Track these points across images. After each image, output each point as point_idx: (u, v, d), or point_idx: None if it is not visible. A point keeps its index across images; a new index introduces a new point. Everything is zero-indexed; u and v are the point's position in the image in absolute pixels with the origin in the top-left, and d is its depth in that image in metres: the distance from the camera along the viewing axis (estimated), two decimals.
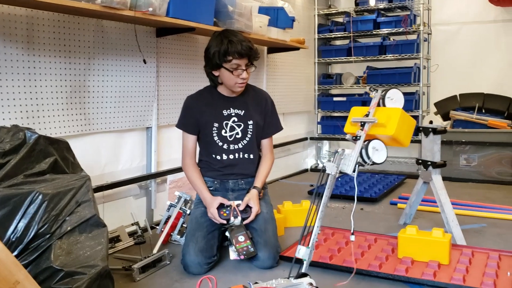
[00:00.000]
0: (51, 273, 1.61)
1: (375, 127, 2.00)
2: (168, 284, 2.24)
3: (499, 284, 2.09)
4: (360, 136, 1.98)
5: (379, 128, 2.00)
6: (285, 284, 1.58)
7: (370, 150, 1.94)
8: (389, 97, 2.11)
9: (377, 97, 2.10)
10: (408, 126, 2.05)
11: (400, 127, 1.99)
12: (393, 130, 1.96)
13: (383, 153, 1.97)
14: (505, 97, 4.60)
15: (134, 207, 3.05)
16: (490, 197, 3.81)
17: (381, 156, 1.96)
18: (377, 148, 1.96)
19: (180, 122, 2.60)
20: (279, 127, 2.72)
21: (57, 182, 1.77)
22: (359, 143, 1.96)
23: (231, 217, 2.39)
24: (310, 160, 5.47)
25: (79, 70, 2.64)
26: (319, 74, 5.33)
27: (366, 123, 2.00)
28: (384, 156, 1.97)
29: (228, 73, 2.42)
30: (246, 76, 2.45)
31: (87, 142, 2.76)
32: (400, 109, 2.03)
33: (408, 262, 2.34)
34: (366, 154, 1.94)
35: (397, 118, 1.98)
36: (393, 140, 2.00)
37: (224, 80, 2.48)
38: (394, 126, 1.97)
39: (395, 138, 1.98)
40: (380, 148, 1.97)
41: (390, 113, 2.01)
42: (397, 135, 1.98)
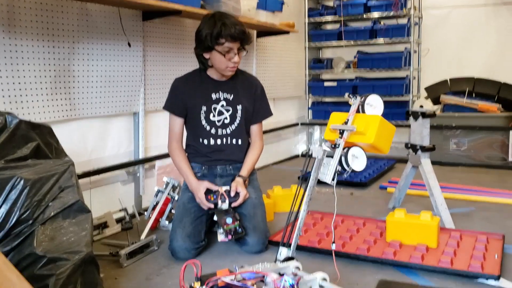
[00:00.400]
0: (34, 259, 1.59)
1: (354, 135, 1.97)
2: (155, 270, 2.22)
3: (487, 267, 2.09)
4: (339, 144, 1.95)
5: (358, 136, 1.96)
6: (271, 268, 1.56)
7: (349, 158, 1.91)
8: (368, 103, 2.05)
9: (356, 104, 2.05)
10: (387, 133, 2.01)
11: (380, 134, 1.95)
12: (372, 138, 1.93)
13: (363, 160, 1.94)
14: (495, 81, 4.60)
15: (122, 193, 3.02)
16: (479, 181, 3.83)
17: (360, 163, 1.93)
18: (356, 156, 1.93)
19: (167, 104, 2.56)
20: (269, 113, 2.69)
21: (39, 168, 1.73)
22: (338, 151, 1.93)
23: (218, 202, 2.37)
24: (301, 146, 5.46)
25: (63, 54, 2.59)
26: (310, 59, 5.30)
27: (345, 131, 1.97)
28: (364, 164, 1.94)
29: (220, 56, 2.38)
30: (237, 60, 2.41)
31: (73, 128, 2.72)
32: (379, 117, 1.99)
33: (396, 245, 2.34)
34: (346, 162, 1.90)
35: (376, 126, 1.94)
36: (373, 147, 1.98)
37: (215, 63, 2.44)
38: (373, 134, 1.93)
39: (374, 146, 1.96)
40: (360, 155, 1.94)
41: (369, 120, 1.97)
42: (377, 143, 1.94)
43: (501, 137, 4.34)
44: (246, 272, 1.45)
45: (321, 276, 1.51)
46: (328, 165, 1.92)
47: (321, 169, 1.94)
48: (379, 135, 1.94)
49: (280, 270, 1.56)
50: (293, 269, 1.59)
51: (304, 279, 1.51)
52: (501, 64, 4.76)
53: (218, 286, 1.36)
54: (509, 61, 4.74)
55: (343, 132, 1.96)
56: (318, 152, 1.91)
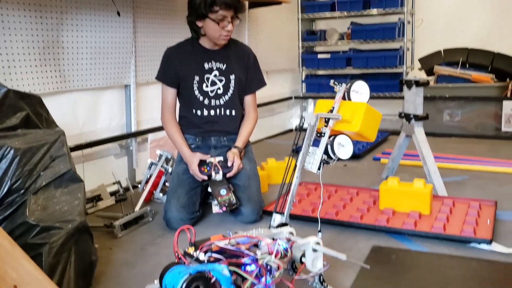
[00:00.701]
0: (26, 228, 1.58)
1: (340, 123, 1.94)
2: (150, 240, 2.23)
3: (479, 231, 2.11)
4: (325, 133, 1.92)
5: (344, 124, 1.94)
6: (265, 233, 1.57)
7: (335, 146, 1.89)
8: (354, 90, 2.01)
9: (341, 91, 2.02)
10: (373, 120, 1.99)
11: (366, 122, 1.93)
12: (358, 127, 1.91)
13: (349, 148, 1.92)
14: (489, 52, 4.58)
15: (115, 167, 3.01)
16: (472, 151, 3.84)
17: (347, 151, 1.91)
18: (342, 144, 1.91)
19: (160, 73, 2.53)
20: (263, 83, 2.66)
21: (29, 137, 1.71)
22: (324, 140, 1.91)
23: (212, 173, 2.37)
24: (295, 120, 5.44)
25: (51, 25, 2.54)
26: (303, 31, 5.24)
27: (330, 119, 1.93)
28: (350, 152, 1.92)
29: (213, 24, 2.34)
30: (231, 29, 2.38)
31: (64, 100, 2.69)
32: (365, 104, 1.96)
33: (390, 213, 2.35)
34: (332, 151, 1.89)
35: (362, 114, 1.92)
36: (359, 135, 1.96)
37: (208, 31, 2.40)
38: (359, 122, 1.91)
39: (360, 134, 1.94)
40: (346, 143, 1.91)
41: (355, 108, 1.95)
42: (363, 131, 1.92)
43: (495, 107, 4.34)
44: (240, 237, 1.45)
45: (314, 240, 1.51)
46: (313, 154, 1.90)
47: (306, 159, 1.92)
48: (365, 123, 1.92)
49: (273, 235, 1.56)
50: (286, 235, 1.59)
51: (297, 243, 1.51)
52: (495, 34, 4.74)
53: (212, 250, 1.35)
54: (503, 31, 4.72)
55: (328, 121, 1.92)
56: (311, 118, 1.89)
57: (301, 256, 1.51)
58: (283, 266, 1.37)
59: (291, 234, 1.60)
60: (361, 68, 5.00)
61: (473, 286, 1.68)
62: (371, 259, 1.92)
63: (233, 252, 1.36)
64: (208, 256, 1.32)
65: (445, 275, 1.75)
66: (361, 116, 1.91)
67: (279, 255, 1.41)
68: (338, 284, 1.68)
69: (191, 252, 1.36)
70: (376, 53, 4.88)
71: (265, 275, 1.33)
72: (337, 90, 2.02)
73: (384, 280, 1.72)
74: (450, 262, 1.88)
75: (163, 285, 1.25)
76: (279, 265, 1.35)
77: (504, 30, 4.72)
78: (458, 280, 1.71)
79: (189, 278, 1.19)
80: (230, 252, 1.36)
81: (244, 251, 1.36)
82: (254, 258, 1.34)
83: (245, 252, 1.36)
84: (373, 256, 1.94)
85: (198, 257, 1.33)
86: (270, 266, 1.34)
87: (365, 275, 1.76)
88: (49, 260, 1.53)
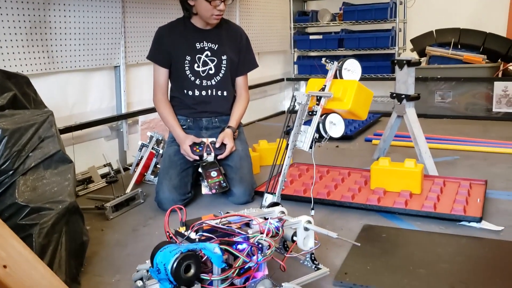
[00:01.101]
0: (16, 209, 1.56)
1: (332, 101, 1.95)
2: (142, 221, 2.23)
3: (469, 210, 2.13)
4: (317, 111, 1.93)
5: (335, 102, 1.95)
6: (256, 212, 1.57)
7: (327, 124, 1.90)
8: (346, 68, 2.02)
9: (333, 69, 2.01)
10: (365, 98, 2.00)
11: (357, 100, 1.94)
12: (349, 105, 1.92)
13: (341, 127, 1.94)
14: (480, 32, 4.56)
15: (106, 149, 2.99)
16: (464, 132, 3.86)
17: (338, 130, 1.93)
18: (334, 122, 1.92)
19: (151, 53, 2.51)
20: (255, 64, 2.64)
21: (17, 118, 1.68)
22: (316, 118, 1.92)
23: (204, 154, 2.36)
24: (287, 102, 5.42)
25: (39, 4, 2.49)
26: (295, 12, 5.19)
27: (322, 97, 1.94)
28: (342, 130, 1.94)
29: (206, 3, 2.31)
30: (223, 8, 2.35)
31: (52, 82, 2.65)
32: (356, 82, 1.97)
33: (381, 192, 2.36)
34: (324, 129, 1.89)
35: (353, 92, 1.92)
36: (350, 113, 1.97)
37: (200, 10, 2.37)
38: (350, 100, 1.92)
39: (351, 112, 1.95)
40: (338, 122, 1.93)
41: (346, 86, 1.95)
42: (354, 109, 1.93)
43: (486, 88, 4.35)
44: (232, 216, 1.45)
45: (305, 219, 1.52)
46: (305, 132, 1.90)
47: (298, 137, 1.92)
48: (356, 101, 1.93)
49: (265, 214, 1.57)
50: (278, 214, 1.60)
51: (289, 222, 1.52)
52: (486, 14, 4.72)
53: (203, 229, 1.35)
54: (494, 11, 4.70)
55: (320, 99, 1.93)
56: (302, 98, 1.88)
57: (293, 235, 1.52)
58: (274, 244, 1.37)
59: (282, 213, 1.61)
60: (353, 49, 4.97)
61: (463, 262, 1.70)
62: (362, 237, 1.93)
63: (225, 231, 1.35)
64: (199, 235, 1.32)
65: (435, 252, 1.77)
66: (352, 94, 1.91)
67: (271, 233, 1.41)
68: (329, 263, 1.69)
69: (182, 232, 1.36)
70: (368, 34, 4.85)
71: (257, 254, 1.33)
72: (328, 68, 2.01)
73: (374, 258, 1.73)
74: (440, 240, 1.89)
75: (154, 263, 1.24)
76: (270, 244, 1.35)
77: (496, 10, 4.70)
78: (448, 257, 1.73)
79: (181, 256, 1.19)
80: (222, 231, 1.35)
81: (236, 230, 1.36)
82: (246, 237, 1.33)
83: (237, 231, 1.35)
84: (364, 235, 1.96)
85: (189, 236, 1.32)
86: (261, 245, 1.34)
87: (355, 253, 1.77)
88: (40, 240, 1.52)
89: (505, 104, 4.28)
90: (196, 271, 1.22)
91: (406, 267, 1.66)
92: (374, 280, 1.58)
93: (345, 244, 1.83)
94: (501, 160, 3.02)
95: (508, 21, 4.67)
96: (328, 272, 1.54)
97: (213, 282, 1.27)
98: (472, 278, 1.59)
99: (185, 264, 1.20)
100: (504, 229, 1.97)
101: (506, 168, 2.85)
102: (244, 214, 1.48)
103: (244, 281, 1.33)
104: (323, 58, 2.08)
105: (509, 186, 2.52)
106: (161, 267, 1.22)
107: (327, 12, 5.10)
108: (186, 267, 1.20)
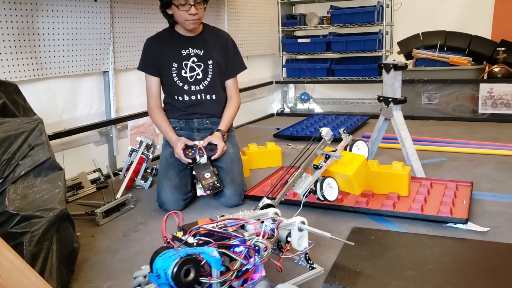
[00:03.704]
0: (6, 217, 1.57)
1: (336, 164, 2.16)
2: (132, 227, 2.23)
3: (455, 212, 2.17)
4: (321, 166, 2.13)
5: (340, 165, 2.15)
6: (251, 214, 1.59)
7: (325, 184, 2.09)
8: (356, 146, 2.37)
9: (346, 140, 2.33)
10: (365, 176, 2.20)
11: (359, 172, 2.13)
12: (352, 171, 2.11)
13: (335, 192, 2.13)
14: (466, 34, 4.63)
15: (96, 154, 2.98)
16: (450, 133, 3.91)
17: (332, 194, 2.13)
18: (331, 185, 2.12)
19: (141, 64, 2.57)
20: (243, 66, 2.69)
21: (6, 126, 1.69)
22: (318, 172, 2.11)
23: (196, 156, 2.39)
24: (276, 105, 5.46)
25: (26, 10, 2.49)
26: (283, 15, 5.22)
27: (330, 156, 2.15)
28: (335, 196, 2.13)
29: (177, 10, 2.38)
30: (194, 12, 2.38)
31: (41, 88, 2.65)
32: (364, 157, 2.21)
33: (369, 195, 2.39)
34: (320, 187, 2.08)
35: (360, 163, 2.14)
36: (348, 182, 2.14)
37: (176, 17, 2.44)
38: (354, 168, 2.11)
39: (350, 181, 2.12)
40: (334, 186, 2.13)
41: (355, 157, 2.18)
42: (354, 177, 2.12)
43: (472, 90, 4.41)
44: (227, 220, 1.47)
45: (299, 219, 1.56)
46: (306, 179, 2.08)
47: (297, 181, 2.09)
48: (359, 172, 2.13)
49: (259, 216, 1.59)
50: (272, 215, 1.62)
51: (283, 223, 1.55)
52: (472, 16, 4.79)
53: (200, 233, 1.37)
54: (480, 13, 4.77)
55: (328, 158, 2.15)
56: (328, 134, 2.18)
57: (287, 236, 1.56)
58: (270, 246, 1.40)
59: (276, 215, 1.64)
60: (341, 52, 5.02)
61: (450, 263, 1.73)
62: (351, 240, 1.95)
63: (221, 234, 1.38)
64: (197, 239, 1.34)
65: (423, 254, 1.80)
66: (358, 164, 2.14)
67: (266, 235, 1.45)
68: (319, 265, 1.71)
69: (179, 236, 1.38)
70: (355, 37, 4.90)
71: (254, 256, 1.36)
72: (343, 137, 2.36)
73: (363, 260, 1.76)
74: (427, 241, 1.93)
75: (154, 269, 1.26)
76: (267, 246, 1.38)
77: (481, 13, 4.77)
78: (435, 258, 1.76)
79: (180, 261, 1.21)
80: (218, 234, 1.38)
81: (232, 233, 1.39)
82: (242, 240, 1.37)
83: (233, 234, 1.38)
84: (352, 237, 1.98)
85: (187, 241, 1.34)
86: (258, 247, 1.37)
87: (345, 256, 1.79)
88: (31, 248, 1.53)
89: (490, 105, 4.35)
90: (196, 275, 1.24)
91: (394, 269, 1.69)
92: (363, 283, 1.61)
93: (335, 247, 1.86)
94: (486, 161, 3.07)
95: (493, 23, 4.74)
96: (322, 271, 1.58)
97: (212, 285, 1.29)
98: (459, 279, 1.62)
99: (185, 269, 1.22)
100: (490, 230, 2.01)
101: (491, 169, 2.90)
102: (240, 217, 1.51)
103: (242, 283, 1.36)
104: (342, 129, 2.42)
105: (495, 187, 2.57)
106: (161, 272, 1.23)
107: (315, 16, 5.14)
108: (186, 271, 1.23)
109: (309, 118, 4.63)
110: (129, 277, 1.73)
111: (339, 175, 2.14)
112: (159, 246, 1.93)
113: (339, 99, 5.31)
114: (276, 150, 3.19)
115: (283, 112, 5.39)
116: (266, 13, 5.00)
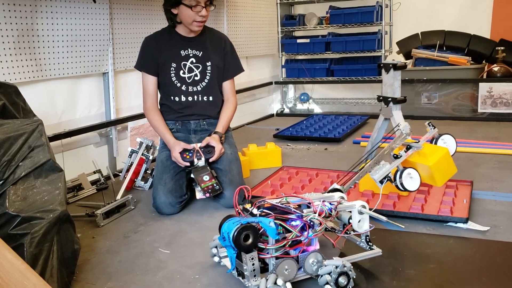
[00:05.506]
0: (7, 219, 1.56)
1: (417, 155, 2.13)
2: (133, 228, 2.23)
3: (456, 211, 2.17)
4: (401, 155, 2.10)
5: (420, 156, 2.12)
6: (317, 196, 1.71)
7: (405, 174, 2.04)
8: (442, 139, 2.36)
9: (431, 133, 2.33)
10: (447, 168, 2.15)
11: (440, 163, 2.10)
12: (432, 162, 2.07)
13: (416, 183, 2.06)
14: (465, 34, 4.63)
15: (96, 156, 2.98)
16: (449, 133, 3.88)
17: (413, 184, 2.06)
18: (412, 176, 2.06)
19: (139, 62, 2.55)
20: (240, 69, 2.68)
21: (6, 127, 1.69)
22: (397, 161, 2.09)
23: (194, 159, 2.38)
24: (275, 105, 5.46)
25: (26, 12, 2.49)
26: (282, 16, 5.22)
27: (412, 147, 2.13)
28: (416, 186, 2.06)
29: (187, 10, 2.36)
30: (205, 14, 2.39)
31: (41, 89, 2.65)
32: (447, 149, 2.17)
33: (369, 195, 2.39)
34: (400, 176, 2.03)
35: (441, 154, 2.11)
36: (429, 174, 2.09)
37: (182, 18, 2.42)
38: (435, 159, 2.09)
39: (431, 172, 2.07)
40: (415, 177, 2.06)
41: (437, 149, 2.16)
42: (435, 168, 2.07)
43: (471, 89, 4.42)
44: (292, 197, 1.64)
45: (360, 203, 1.63)
46: (383, 166, 2.05)
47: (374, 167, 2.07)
48: (439, 164, 2.09)
49: (324, 198, 1.70)
50: (337, 198, 1.73)
51: (343, 206, 1.67)
52: (471, 16, 4.79)
53: (264, 206, 1.58)
54: (478, 13, 4.78)
55: (409, 148, 2.12)
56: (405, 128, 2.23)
57: (349, 218, 1.67)
58: (325, 223, 1.59)
59: (341, 198, 1.74)
60: (340, 53, 5.02)
61: (451, 262, 1.73)
62: None
63: (282, 209, 1.59)
64: (260, 211, 1.58)
65: (424, 253, 1.80)
66: (439, 156, 2.10)
67: (324, 214, 1.62)
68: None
69: (248, 208, 1.61)
70: (354, 37, 4.90)
71: (308, 230, 1.56)
72: (428, 130, 2.35)
73: (364, 259, 1.76)
74: (428, 241, 1.93)
75: (221, 232, 1.55)
76: (321, 222, 1.57)
77: (479, 12, 4.78)
78: (436, 258, 1.76)
79: (240, 227, 1.46)
80: (280, 208, 1.59)
81: (292, 209, 1.58)
82: (300, 215, 1.56)
83: (292, 209, 1.58)
84: None
85: (252, 211, 1.58)
86: (313, 222, 1.57)
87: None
88: (31, 250, 1.53)
89: (490, 104, 4.36)
90: (254, 240, 1.48)
91: (395, 268, 1.69)
92: (364, 282, 1.61)
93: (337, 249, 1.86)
94: (486, 161, 3.07)
95: (492, 23, 4.75)
96: (380, 252, 1.71)
97: (269, 250, 1.52)
98: (460, 278, 1.62)
99: (244, 234, 1.46)
100: (490, 229, 2.01)
101: (491, 168, 2.90)
102: (304, 197, 1.67)
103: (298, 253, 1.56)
104: (427, 122, 2.38)
105: (494, 186, 2.57)
106: (225, 235, 1.51)
107: (314, 16, 5.15)
108: (245, 236, 1.47)
109: (308, 118, 4.64)
110: (130, 278, 1.74)
111: (419, 165, 2.10)
112: (160, 247, 1.95)
113: (338, 99, 5.32)
114: (276, 151, 3.19)
115: (282, 113, 5.39)
116: (266, 14, 5.01)
